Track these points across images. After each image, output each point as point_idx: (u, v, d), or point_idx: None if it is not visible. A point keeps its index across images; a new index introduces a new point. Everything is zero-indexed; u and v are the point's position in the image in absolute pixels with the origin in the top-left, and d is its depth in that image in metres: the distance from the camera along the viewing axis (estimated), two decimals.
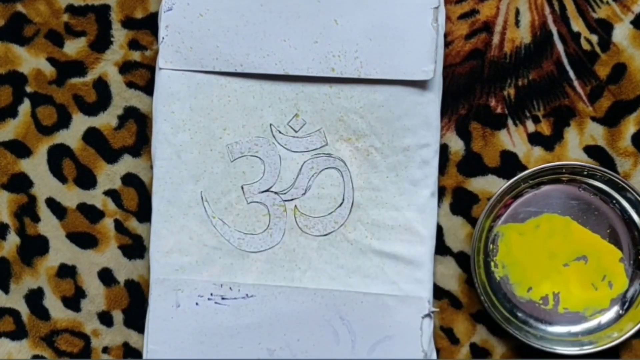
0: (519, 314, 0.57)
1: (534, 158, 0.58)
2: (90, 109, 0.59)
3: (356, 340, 0.55)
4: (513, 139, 0.58)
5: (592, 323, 0.57)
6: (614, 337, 0.56)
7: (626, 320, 0.56)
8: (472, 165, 0.58)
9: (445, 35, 0.57)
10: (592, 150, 0.58)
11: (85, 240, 0.59)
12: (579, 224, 0.57)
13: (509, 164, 0.58)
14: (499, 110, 0.58)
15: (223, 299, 0.56)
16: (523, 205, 0.57)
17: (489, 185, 0.58)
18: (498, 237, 0.57)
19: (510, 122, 0.58)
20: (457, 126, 0.58)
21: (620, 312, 0.57)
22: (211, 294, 0.56)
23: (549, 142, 0.58)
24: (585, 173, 0.56)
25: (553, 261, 0.57)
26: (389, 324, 0.55)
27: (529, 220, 0.57)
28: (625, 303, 0.57)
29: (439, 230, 0.57)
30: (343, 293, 0.55)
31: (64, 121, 0.59)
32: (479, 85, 0.58)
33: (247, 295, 0.56)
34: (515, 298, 0.57)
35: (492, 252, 0.57)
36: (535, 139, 0.58)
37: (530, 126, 0.58)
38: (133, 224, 0.59)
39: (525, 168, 0.57)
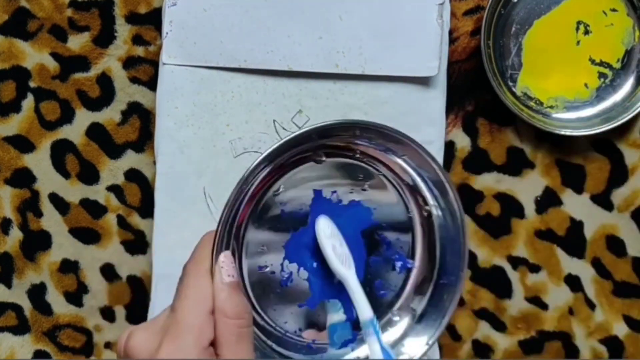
0: None
1: (542, 154, 0.57)
2: (94, 104, 0.58)
3: None
4: (520, 134, 0.57)
5: None
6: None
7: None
8: (478, 161, 0.57)
9: (451, 32, 0.56)
10: (598, 143, 0.57)
11: (87, 236, 0.59)
12: None
13: (516, 161, 0.57)
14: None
15: None
16: None
17: (494, 183, 0.57)
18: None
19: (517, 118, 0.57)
20: (464, 122, 0.57)
21: None
22: None
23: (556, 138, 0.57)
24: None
25: None
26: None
27: None
28: None
29: None
30: None
31: (67, 116, 0.58)
32: (486, 81, 0.57)
33: None
34: None
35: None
36: (543, 134, 0.57)
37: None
38: (136, 219, 0.59)
39: (532, 164, 0.57)
